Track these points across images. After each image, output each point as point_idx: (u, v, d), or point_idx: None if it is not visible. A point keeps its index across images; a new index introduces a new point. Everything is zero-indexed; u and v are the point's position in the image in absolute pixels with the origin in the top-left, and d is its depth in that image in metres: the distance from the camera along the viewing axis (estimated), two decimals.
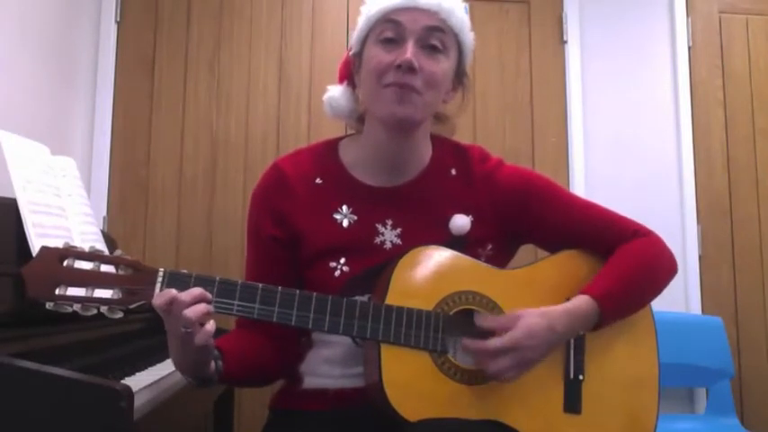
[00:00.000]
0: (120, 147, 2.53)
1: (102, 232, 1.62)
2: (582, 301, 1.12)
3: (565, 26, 2.78)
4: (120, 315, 0.99)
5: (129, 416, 0.92)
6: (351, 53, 1.23)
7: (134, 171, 2.53)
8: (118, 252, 1.01)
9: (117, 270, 0.99)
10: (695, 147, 2.74)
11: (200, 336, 0.96)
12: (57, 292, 0.94)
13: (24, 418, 0.90)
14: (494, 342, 1.04)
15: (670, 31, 2.81)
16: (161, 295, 0.97)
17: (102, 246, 1.50)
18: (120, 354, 1.46)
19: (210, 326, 0.98)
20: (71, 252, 0.97)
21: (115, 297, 0.97)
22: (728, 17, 2.84)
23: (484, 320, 1.09)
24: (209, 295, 0.99)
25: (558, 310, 1.10)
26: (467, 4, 1.20)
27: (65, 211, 1.40)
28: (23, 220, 1.23)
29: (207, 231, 2.53)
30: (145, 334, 1.68)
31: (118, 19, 2.57)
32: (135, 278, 0.99)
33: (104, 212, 2.48)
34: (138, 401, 1.00)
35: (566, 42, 2.78)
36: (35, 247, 1.21)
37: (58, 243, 1.27)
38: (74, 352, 1.24)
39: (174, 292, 0.96)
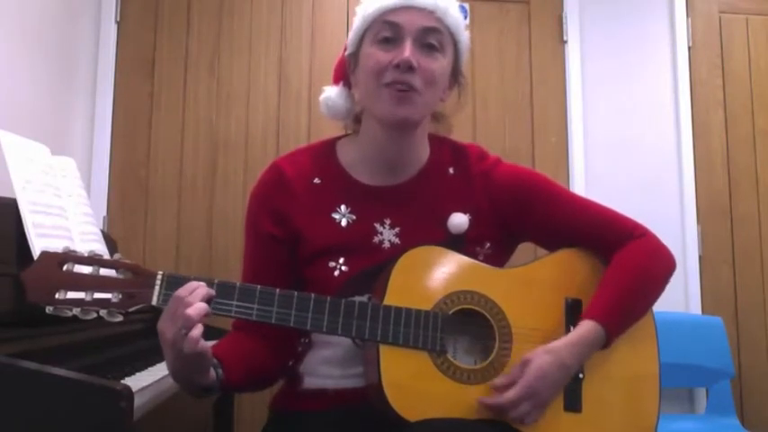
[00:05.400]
0: (120, 147, 2.53)
1: (103, 232, 1.62)
2: (586, 328, 1.11)
3: (565, 26, 2.78)
4: (119, 318, 1.00)
5: (129, 416, 0.92)
6: (346, 53, 1.23)
7: (134, 171, 2.53)
8: (117, 255, 1.02)
9: (116, 273, 0.99)
10: (695, 147, 2.74)
11: (194, 332, 0.95)
12: (56, 296, 0.95)
13: (24, 418, 0.90)
14: (509, 394, 1.04)
15: (670, 31, 2.81)
16: (187, 287, 0.97)
17: (102, 246, 1.50)
18: (120, 354, 1.46)
19: (198, 330, 0.95)
20: (70, 257, 0.97)
21: (114, 300, 0.98)
22: (728, 17, 2.84)
23: (498, 381, 1.07)
24: (212, 291, 0.99)
25: (564, 343, 1.10)
26: (466, 4, 1.20)
27: (65, 211, 1.40)
28: (23, 220, 1.23)
29: (207, 231, 2.54)
30: (145, 334, 1.68)
31: (118, 19, 2.57)
32: (134, 281, 0.99)
33: (104, 212, 2.48)
34: (138, 401, 1.00)
35: (566, 42, 2.78)
36: (35, 247, 1.21)
37: (58, 243, 1.28)
38: (74, 352, 1.24)
39: (195, 284, 0.98)
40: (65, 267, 0.97)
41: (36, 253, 1.20)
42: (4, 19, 1.84)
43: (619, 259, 1.18)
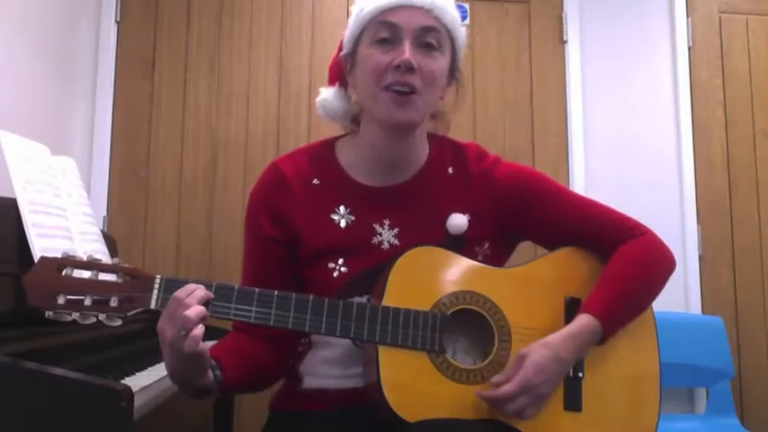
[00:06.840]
0: (120, 147, 2.54)
1: (103, 232, 1.62)
2: (583, 321, 1.11)
3: (565, 26, 2.78)
4: (118, 323, 1.00)
5: (129, 416, 0.93)
6: (342, 53, 1.22)
7: (134, 171, 2.54)
8: (116, 259, 1.02)
9: (115, 277, 1.00)
10: (695, 147, 2.74)
11: (196, 331, 0.95)
12: (56, 301, 0.96)
13: (24, 417, 0.90)
14: (506, 389, 1.04)
15: (670, 31, 2.81)
16: (185, 288, 0.97)
17: (102, 246, 1.51)
18: (120, 354, 1.46)
19: (199, 330, 0.96)
20: (69, 261, 0.98)
21: (113, 304, 0.98)
22: (728, 17, 2.84)
23: (496, 378, 1.07)
24: (210, 294, 0.99)
25: (560, 336, 1.09)
26: (465, 4, 1.19)
27: (65, 211, 1.40)
28: (23, 220, 1.23)
29: (207, 231, 2.54)
30: (145, 334, 1.68)
31: (118, 19, 2.58)
32: (132, 285, 1.00)
33: (104, 212, 2.49)
34: (138, 401, 1.00)
35: (566, 42, 2.78)
36: (35, 247, 1.21)
37: (58, 243, 1.28)
38: (74, 352, 1.24)
39: (194, 285, 0.98)
40: (64, 272, 0.97)
41: (36, 253, 1.20)
42: (4, 19, 1.84)
43: (618, 256, 1.18)
